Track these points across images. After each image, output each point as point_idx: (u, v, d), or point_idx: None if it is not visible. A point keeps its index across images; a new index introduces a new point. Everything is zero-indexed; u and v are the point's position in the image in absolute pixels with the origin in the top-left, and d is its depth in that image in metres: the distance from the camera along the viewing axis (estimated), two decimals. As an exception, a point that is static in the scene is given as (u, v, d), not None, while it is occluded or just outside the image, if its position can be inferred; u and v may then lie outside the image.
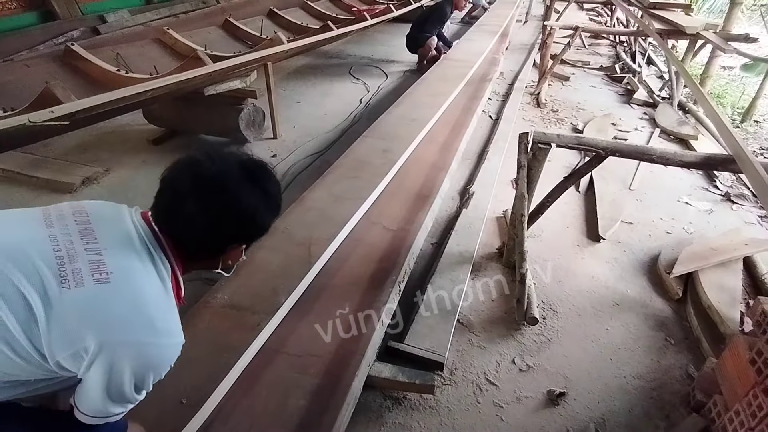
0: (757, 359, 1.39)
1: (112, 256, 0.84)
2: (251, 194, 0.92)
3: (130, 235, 0.89)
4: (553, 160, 3.41)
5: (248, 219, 0.94)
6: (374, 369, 1.69)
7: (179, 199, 0.89)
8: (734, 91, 5.74)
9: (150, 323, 0.83)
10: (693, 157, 1.97)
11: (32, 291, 0.77)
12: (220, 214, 0.90)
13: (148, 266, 0.87)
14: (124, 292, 0.82)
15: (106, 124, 3.65)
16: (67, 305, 0.78)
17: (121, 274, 0.83)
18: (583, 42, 7.11)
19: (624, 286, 2.35)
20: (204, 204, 0.88)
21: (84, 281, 0.79)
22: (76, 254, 0.82)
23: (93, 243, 0.84)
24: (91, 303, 0.79)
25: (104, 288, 0.80)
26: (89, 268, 0.81)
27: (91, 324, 0.79)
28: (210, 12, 4.76)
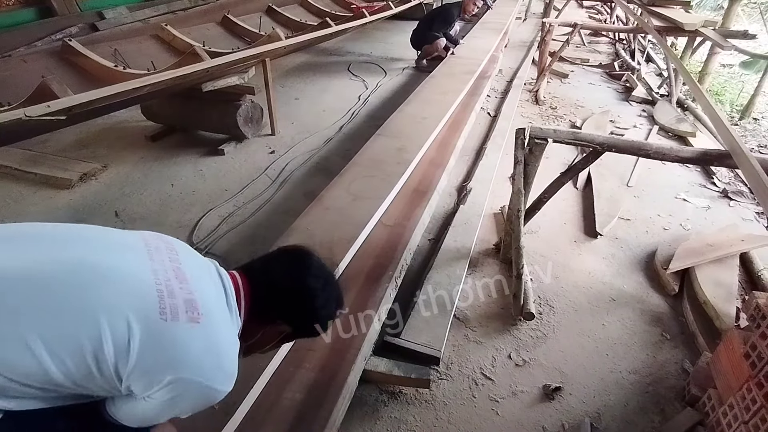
0: (751, 353, 1.40)
1: (204, 300, 0.89)
2: (332, 304, 1.07)
3: (216, 282, 0.96)
4: (551, 156, 3.42)
5: (314, 312, 1.04)
6: (370, 363, 1.70)
7: (284, 262, 1.06)
8: (733, 89, 5.73)
9: (221, 369, 0.89)
10: (689, 152, 1.97)
11: (134, 316, 0.80)
12: (304, 292, 1.02)
13: (226, 316, 0.94)
14: (210, 337, 0.87)
15: (104, 120, 3.66)
16: (160, 337, 0.82)
17: (209, 320, 0.88)
18: (582, 39, 7.11)
19: (621, 281, 2.35)
20: (299, 279, 1.02)
21: (179, 317, 0.83)
22: (174, 292, 0.86)
23: (186, 284, 0.89)
24: (180, 341, 0.83)
25: (195, 330, 0.85)
26: (184, 306, 0.85)
27: (174, 360, 0.83)
28: (208, 9, 4.75)
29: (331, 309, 1.08)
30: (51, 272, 0.79)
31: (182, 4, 5.38)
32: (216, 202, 2.81)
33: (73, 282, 0.79)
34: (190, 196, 2.87)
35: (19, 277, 0.77)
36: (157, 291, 0.84)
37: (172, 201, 2.82)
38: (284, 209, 2.78)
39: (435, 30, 5.25)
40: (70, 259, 0.82)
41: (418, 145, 2.87)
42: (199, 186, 2.98)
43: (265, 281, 1.02)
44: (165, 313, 0.82)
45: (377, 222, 2.23)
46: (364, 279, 1.89)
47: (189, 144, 3.47)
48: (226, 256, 2.37)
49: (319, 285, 1.03)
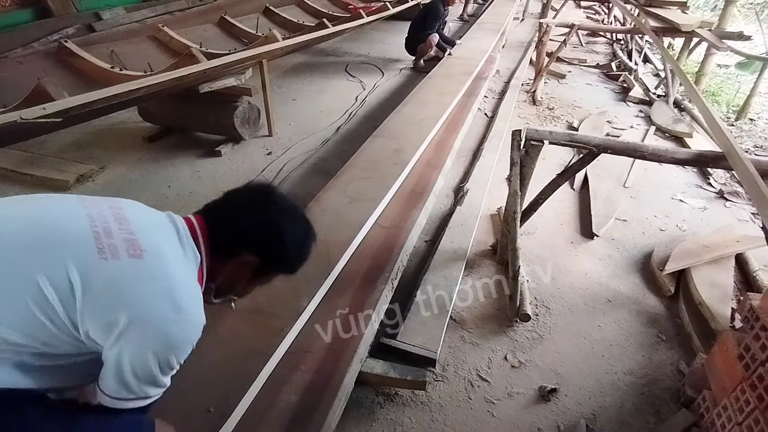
0: (745, 354, 1.40)
1: (145, 237, 0.88)
2: (299, 231, 1.06)
3: (163, 223, 0.95)
4: (548, 157, 3.43)
5: (278, 237, 1.01)
6: (366, 365, 1.70)
7: (243, 196, 1.05)
8: (729, 89, 5.75)
9: (176, 303, 0.86)
10: (685, 154, 1.98)
11: (72, 262, 0.80)
12: (264, 218, 1.01)
13: (177, 251, 0.92)
14: (155, 269, 0.86)
15: (102, 121, 3.65)
16: (103, 276, 0.81)
17: (153, 253, 0.86)
18: (579, 40, 7.12)
19: (617, 283, 2.36)
20: (260, 207, 1.02)
21: (120, 255, 0.83)
22: (112, 232, 0.85)
23: (126, 225, 0.88)
24: (125, 277, 0.83)
25: (138, 264, 0.84)
26: (124, 244, 0.84)
27: (123, 298, 0.82)
28: (206, 9, 4.75)
29: (299, 235, 1.06)
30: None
31: (179, 5, 5.38)
32: (213, 203, 2.80)
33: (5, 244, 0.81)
34: (187, 198, 2.86)
35: None
36: (93, 232, 0.84)
37: (169, 203, 2.81)
38: None
39: (428, 28, 5.26)
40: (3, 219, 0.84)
41: (415, 147, 2.87)
42: (196, 187, 2.97)
43: (222, 213, 1.02)
44: (104, 251, 0.82)
45: (374, 224, 2.23)
46: (360, 280, 1.89)
47: (186, 145, 3.47)
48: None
49: (281, 209, 1.03)
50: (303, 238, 1.08)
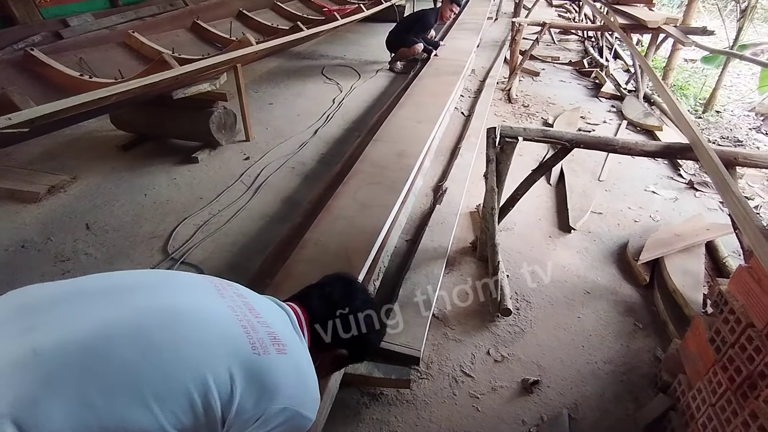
0: (716, 338, 1.45)
1: (280, 330, 0.92)
2: (375, 321, 1.12)
3: (284, 314, 1.00)
4: (525, 153, 3.49)
5: (373, 340, 1.13)
6: (350, 366, 1.70)
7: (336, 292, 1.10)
8: (697, 83, 5.93)
9: (312, 393, 0.92)
10: (653, 146, 2.04)
11: (234, 361, 0.82)
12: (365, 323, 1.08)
13: (301, 344, 0.97)
14: (297, 364, 0.91)
15: (73, 130, 3.57)
16: (258, 371, 0.84)
17: (292, 348, 0.91)
18: (552, 38, 7.25)
19: (594, 274, 2.41)
20: (351, 304, 1.08)
21: (269, 351, 0.86)
22: (255, 327, 0.88)
23: (259, 317, 0.91)
24: (277, 372, 0.86)
25: (284, 359, 0.88)
26: (269, 339, 0.88)
27: (271, 392, 0.84)
28: (178, 14, 4.67)
29: (382, 332, 1.18)
30: (151, 324, 0.81)
31: (151, 10, 5.29)
32: (191, 210, 2.77)
33: (173, 335, 0.81)
34: (164, 206, 2.82)
35: (125, 332, 0.78)
36: (242, 328, 0.87)
37: (146, 211, 2.76)
38: (260, 215, 2.75)
39: (414, 35, 5.28)
40: (161, 307, 0.84)
41: (417, 150, 2.86)
42: (173, 195, 2.93)
43: (323, 311, 1.06)
44: (256, 348, 0.85)
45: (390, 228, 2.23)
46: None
47: (161, 152, 3.41)
48: (202, 264, 2.34)
49: (370, 308, 1.11)
50: (383, 332, 1.19)
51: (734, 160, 1.82)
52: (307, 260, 1.95)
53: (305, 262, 1.94)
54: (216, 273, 2.27)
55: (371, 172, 2.62)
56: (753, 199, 3.18)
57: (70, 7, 4.95)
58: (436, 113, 3.42)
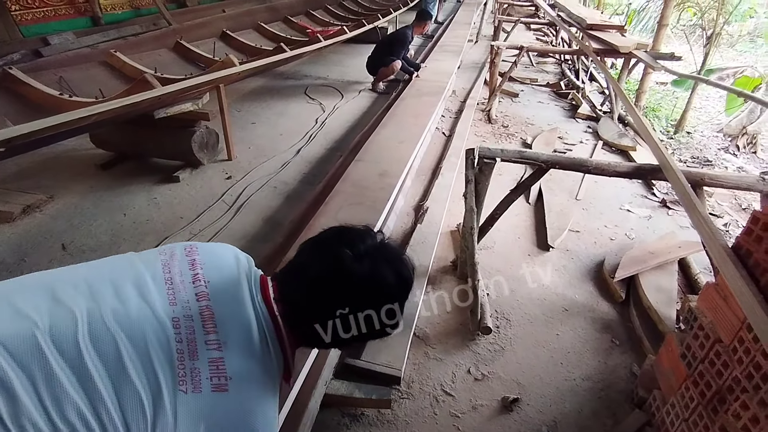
0: (687, 353, 1.49)
1: (233, 356, 0.75)
2: (399, 293, 0.90)
3: (251, 327, 0.79)
4: (504, 173, 3.56)
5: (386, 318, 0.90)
6: (331, 387, 1.69)
7: (318, 285, 0.86)
8: (668, 105, 6.17)
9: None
10: (625, 167, 2.11)
11: (147, 390, 0.68)
12: (356, 312, 0.86)
13: (265, 366, 0.79)
14: (238, 403, 0.74)
15: (50, 149, 3.52)
16: (178, 411, 0.69)
17: (238, 382, 0.74)
18: (530, 60, 7.47)
19: (572, 292, 2.45)
20: (349, 303, 0.85)
21: (201, 386, 0.71)
22: (197, 349, 0.73)
23: (213, 333, 0.75)
24: (203, 412, 0.71)
25: (220, 398, 0.72)
26: (208, 369, 0.72)
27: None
28: (161, 34, 4.70)
29: (406, 275, 0.91)
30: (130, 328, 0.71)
31: (133, 29, 5.32)
32: (171, 230, 2.75)
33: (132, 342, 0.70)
34: (144, 226, 2.79)
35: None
36: (177, 351, 0.72)
37: (125, 231, 2.73)
38: (242, 235, 2.74)
39: (394, 54, 5.38)
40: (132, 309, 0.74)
41: (398, 169, 2.89)
42: (153, 215, 2.90)
43: (309, 305, 0.86)
44: (184, 381, 0.70)
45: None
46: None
47: (142, 172, 3.39)
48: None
49: (383, 267, 0.88)
50: (410, 275, 0.93)
51: (701, 181, 1.90)
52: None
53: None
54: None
55: (353, 191, 2.64)
56: (722, 216, 3.30)
57: (51, 25, 4.95)
58: (417, 133, 3.48)
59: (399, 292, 0.90)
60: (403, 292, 0.91)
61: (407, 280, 0.92)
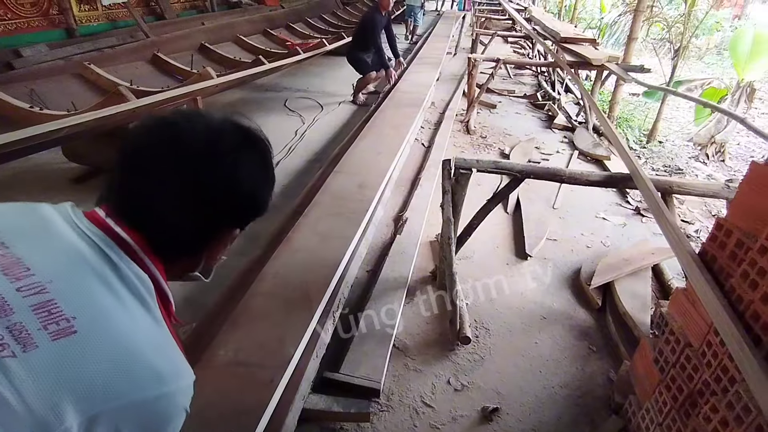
0: (659, 358, 1.52)
1: (65, 291, 0.55)
2: (249, 163, 0.71)
3: (79, 250, 0.59)
4: (483, 183, 3.60)
5: (247, 196, 0.72)
6: (309, 401, 1.67)
7: (153, 178, 0.65)
8: (640, 115, 6.35)
9: (152, 372, 0.56)
10: (598, 176, 2.16)
11: None
12: (211, 192, 0.67)
13: (119, 291, 0.59)
14: (101, 341, 0.53)
15: (20, 163, 3.42)
16: (19, 384, 0.47)
17: (88, 316, 0.54)
18: (508, 72, 7.63)
19: (550, 300, 2.48)
20: (191, 179, 0.65)
21: (35, 340, 0.49)
22: (5, 302, 0.51)
23: (27, 277, 0.54)
24: (58, 375, 0.49)
25: (70, 344, 0.51)
26: (36, 318, 0.51)
27: (64, 398, 0.48)
28: (138, 46, 4.66)
29: (271, 184, 0.78)
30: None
31: (109, 41, 5.26)
32: (146, 244, 2.69)
33: None
34: (117, 240, 2.72)
35: None
36: None
37: (97, 246, 2.66)
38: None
39: (371, 45, 5.24)
40: None
41: (378, 181, 2.90)
42: (127, 229, 2.84)
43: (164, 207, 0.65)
44: (5, 345, 0.48)
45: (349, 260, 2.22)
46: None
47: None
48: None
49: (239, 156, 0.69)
50: (268, 173, 0.78)
51: (669, 189, 1.95)
52: (266, 294, 1.93)
53: (264, 296, 1.92)
54: (171, 309, 2.21)
55: (332, 203, 2.64)
56: (693, 223, 3.39)
57: (24, 37, 4.86)
58: (396, 144, 3.50)
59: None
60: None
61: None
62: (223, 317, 1.83)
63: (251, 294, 1.92)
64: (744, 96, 5.06)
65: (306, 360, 1.69)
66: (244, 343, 1.67)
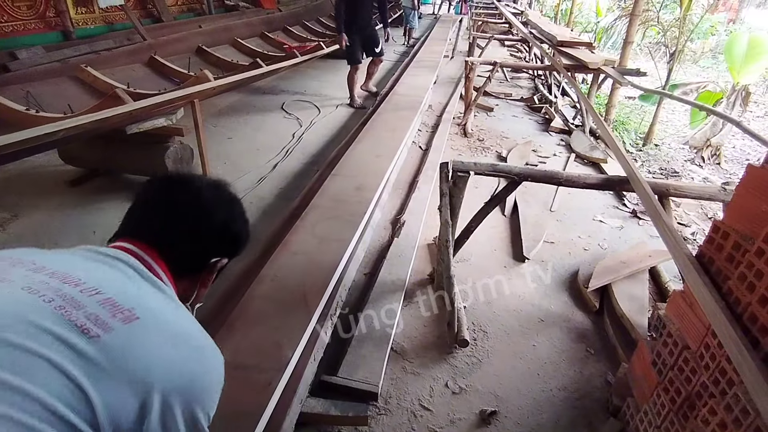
0: (657, 361, 1.52)
1: (119, 292, 0.67)
2: (233, 214, 0.95)
3: (110, 264, 0.73)
4: (480, 186, 3.60)
5: (232, 236, 0.94)
6: (306, 405, 1.66)
7: (172, 219, 0.85)
8: (636, 118, 6.38)
9: (196, 348, 0.71)
10: (595, 179, 2.16)
11: (59, 356, 0.56)
12: (207, 231, 0.88)
13: (150, 289, 0.74)
14: (159, 323, 0.68)
15: (16, 166, 3.41)
16: (106, 358, 0.59)
17: (145, 309, 0.67)
18: (505, 75, 7.65)
19: (548, 302, 2.48)
20: (196, 222, 0.86)
21: (110, 325, 0.61)
22: (76, 299, 0.62)
23: (82, 284, 0.65)
24: (134, 347, 0.62)
25: (138, 326, 0.64)
26: (106, 310, 0.63)
27: (146, 373, 0.61)
28: (135, 49, 4.65)
29: (243, 214, 0.98)
30: None
31: (106, 44, 5.24)
32: (142, 247, 2.67)
33: None
34: (114, 243, 2.71)
35: None
36: (54, 308, 0.60)
37: (93, 249, 2.65)
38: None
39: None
40: None
41: (375, 183, 2.90)
42: (123, 232, 2.82)
43: (171, 232, 0.84)
44: (87, 328, 0.59)
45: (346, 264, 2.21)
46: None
47: (113, 188, 3.31)
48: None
49: (224, 199, 0.93)
50: (244, 212, 0.99)
51: (666, 191, 1.96)
52: (263, 297, 1.92)
53: (261, 299, 1.91)
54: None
55: (330, 206, 2.63)
56: (690, 226, 3.40)
57: (20, 39, 4.84)
58: (394, 147, 3.50)
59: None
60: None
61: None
62: (220, 320, 1.82)
63: (249, 297, 1.92)
64: (739, 99, 5.08)
65: (304, 363, 1.69)
66: (241, 346, 1.67)
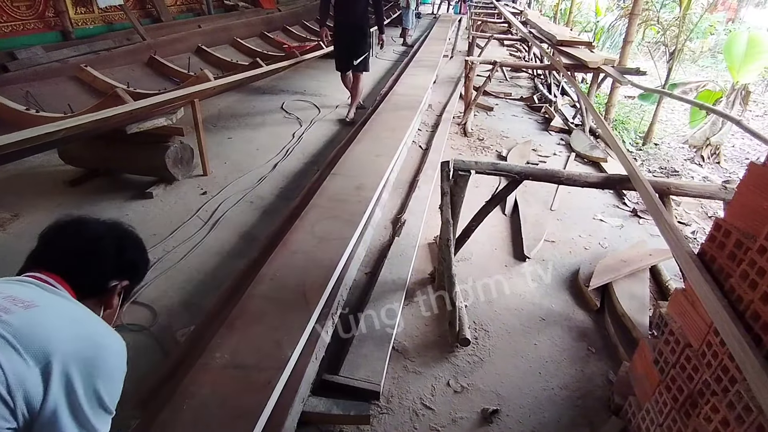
0: (659, 359, 1.52)
1: (19, 292, 0.83)
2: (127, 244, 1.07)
3: (25, 283, 0.88)
4: (481, 185, 3.61)
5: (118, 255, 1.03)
6: (308, 404, 1.66)
7: (71, 250, 0.98)
8: (636, 117, 6.38)
9: (100, 326, 0.87)
10: (595, 178, 2.16)
11: None
12: (104, 259, 1.00)
13: (52, 294, 0.88)
14: (57, 309, 0.84)
15: (15, 166, 3.40)
16: (8, 332, 0.74)
17: (43, 301, 0.83)
18: (504, 75, 7.66)
19: (549, 301, 2.48)
20: (94, 252, 0.99)
21: (11, 309, 0.77)
22: None
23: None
24: (34, 325, 0.77)
25: (37, 311, 0.80)
26: (6, 301, 0.78)
27: (47, 342, 0.76)
28: (135, 49, 4.65)
29: (139, 241, 1.10)
30: None
31: (106, 44, 5.23)
32: (143, 247, 2.67)
33: None
34: (114, 243, 2.70)
35: None
36: None
37: (94, 249, 2.64)
38: (217, 251, 2.69)
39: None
40: None
41: (375, 183, 2.90)
42: (123, 231, 2.82)
43: (72, 259, 0.97)
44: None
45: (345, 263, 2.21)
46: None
47: (113, 188, 3.31)
48: (153, 303, 2.25)
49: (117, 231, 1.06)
50: (139, 241, 1.12)
51: (667, 190, 1.96)
52: (263, 296, 1.92)
53: (261, 298, 1.91)
54: (169, 311, 2.20)
55: (329, 205, 2.63)
56: (690, 224, 3.40)
57: (19, 39, 4.83)
58: (394, 147, 3.50)
59: None
60: None
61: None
62: (220, 320, 1.82)
63: (248, 296, 1.92)
64: (739, 98, 5.09)
65: (305, 362, 1.68)
66: (241, 346, 1.67)
